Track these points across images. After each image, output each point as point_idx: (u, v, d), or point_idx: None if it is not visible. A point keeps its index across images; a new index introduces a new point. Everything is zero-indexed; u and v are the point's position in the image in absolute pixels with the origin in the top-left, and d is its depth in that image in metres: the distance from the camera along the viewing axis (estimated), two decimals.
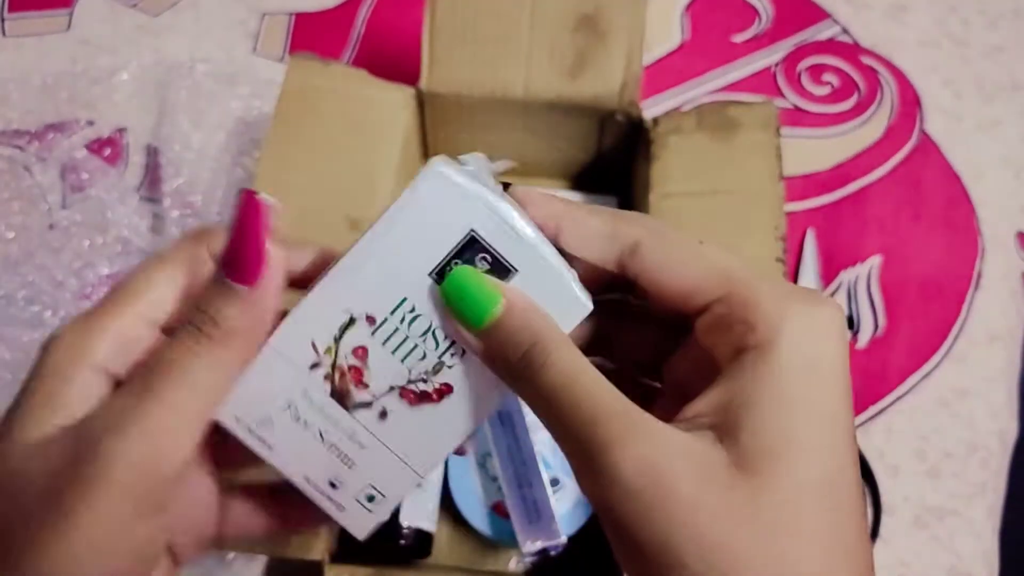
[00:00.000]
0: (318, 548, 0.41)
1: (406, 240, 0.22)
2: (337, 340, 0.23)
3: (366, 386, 0.23)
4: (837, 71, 0.67)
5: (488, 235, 0.21)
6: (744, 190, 0.47)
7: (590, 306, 0.23)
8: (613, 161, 0.56)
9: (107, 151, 0.61)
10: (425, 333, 0.22)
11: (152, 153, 0.61)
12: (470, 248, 0.22)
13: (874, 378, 0.56)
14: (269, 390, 0.23)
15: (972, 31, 0.70)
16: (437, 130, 0.55)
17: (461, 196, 0.21)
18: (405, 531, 0.44)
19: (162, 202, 0.58)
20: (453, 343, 0.22)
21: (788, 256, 0.47)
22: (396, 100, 0.51)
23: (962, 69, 0.68)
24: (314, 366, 0.23)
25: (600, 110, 0.51)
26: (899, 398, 0.55)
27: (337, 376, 0.23)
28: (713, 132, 0.49)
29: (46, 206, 0.59)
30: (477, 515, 0.46)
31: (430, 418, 0.23)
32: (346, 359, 0.23)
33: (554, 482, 0.46)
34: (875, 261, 0.59)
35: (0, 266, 0.56)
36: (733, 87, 0.67)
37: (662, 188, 0.48)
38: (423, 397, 0.23)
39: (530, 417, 0.46)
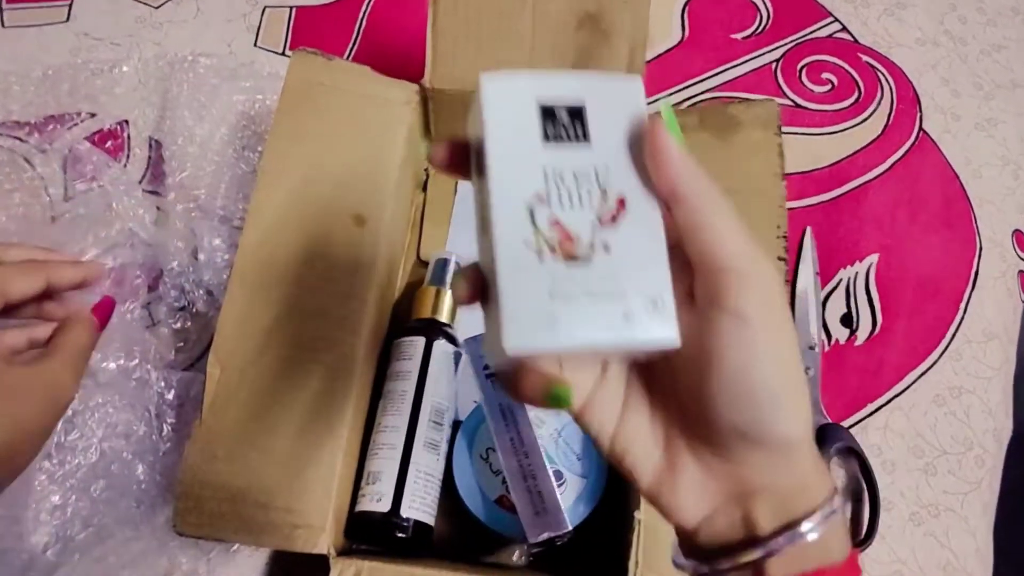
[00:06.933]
0: (324, 542, 0.42)
1: (511, 141, 0.26)
2: (536, 228, 0.26)
3: (578, 239, 0.27)
4: (836, 69, 0.68)
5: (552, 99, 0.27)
6: (745, 188, 0.48)
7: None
8: None
9: (109, 143, 0.61)
10: (581, 180, 0.27)
11: (155, 146, 0.61)
12: (549, 115, 0.27)
13: (871, 376, 0.56)
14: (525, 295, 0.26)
15: (971, 29, 0.70)
16: (440, 126, 0.55)
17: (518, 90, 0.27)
18: (404, 523, 0.45)
19: (166, 195, 0.58)
20: (601, 173, 0.27)
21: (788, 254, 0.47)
22: (399, 96, 0.51)
23: (960, 67, 0.68)
24: (540, 256, 0.26)
25: None
26: (896, 396, 0.55)
27: (559, 249, 0.27)
28: (715, 131, 0.49)
29: (47, 198, 0.59)
30: (482, 509, 0.47)
31: (633, 226, 0.27)
32: (551, 234, 0.27)
33: (557, 475, 0.46)
34: (873, 259, 0.60)
35: None
36: (733, 84, 0.67)
37: None
38: (615, 215, 0.27)
39: (532, 412, 0.47)
